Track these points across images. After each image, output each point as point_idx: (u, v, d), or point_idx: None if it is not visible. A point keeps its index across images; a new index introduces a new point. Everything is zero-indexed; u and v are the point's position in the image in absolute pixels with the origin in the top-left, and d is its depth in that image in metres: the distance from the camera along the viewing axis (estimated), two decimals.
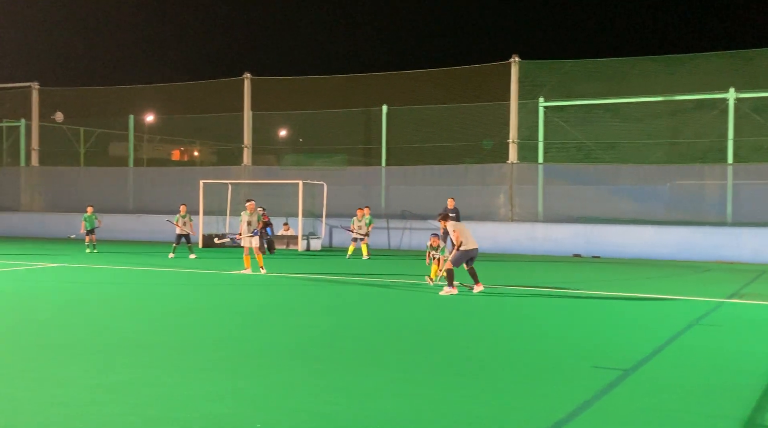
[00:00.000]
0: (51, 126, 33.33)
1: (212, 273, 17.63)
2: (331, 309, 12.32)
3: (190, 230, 22.04)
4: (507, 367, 7.91)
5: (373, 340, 9.45)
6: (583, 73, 26.31)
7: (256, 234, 17.59)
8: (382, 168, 28.81)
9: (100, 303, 12.56)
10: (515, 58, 26.28)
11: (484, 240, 25.50)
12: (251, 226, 17.34)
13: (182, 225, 21.72)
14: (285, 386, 7.00)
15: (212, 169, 32.57)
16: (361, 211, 23.20)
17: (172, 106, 32.93)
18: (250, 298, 13.51)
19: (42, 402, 6.37)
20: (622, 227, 24.36)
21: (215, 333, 9.81)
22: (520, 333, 10.08)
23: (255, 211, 17.76)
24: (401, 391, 6.87)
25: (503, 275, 18.08)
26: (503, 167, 26.48)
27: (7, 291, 13.68)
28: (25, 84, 33.51)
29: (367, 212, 23.29)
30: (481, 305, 12.78)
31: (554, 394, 6.84)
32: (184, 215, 21.89)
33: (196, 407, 6.28)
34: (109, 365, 7.72)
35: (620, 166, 25.72)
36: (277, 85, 30.63)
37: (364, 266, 19.94)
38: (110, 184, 32.46)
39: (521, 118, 26.61)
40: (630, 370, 7.83)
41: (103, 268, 18.44)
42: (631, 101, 25.86)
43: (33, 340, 9.11)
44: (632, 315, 12.01)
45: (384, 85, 29.13)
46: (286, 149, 32.84)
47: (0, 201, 33.46)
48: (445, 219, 14.59)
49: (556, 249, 24.76)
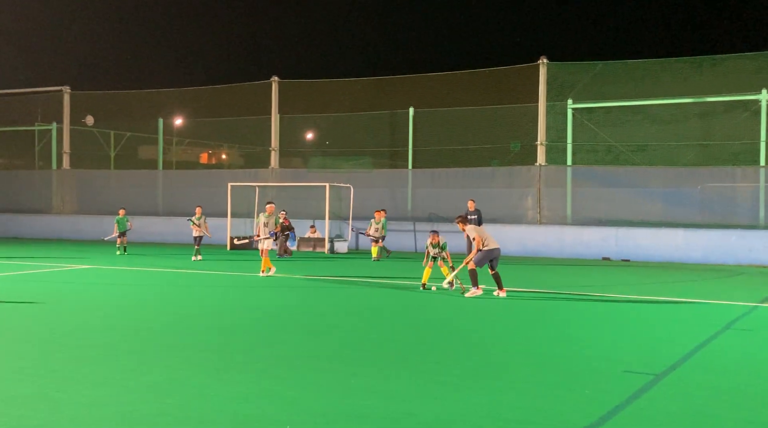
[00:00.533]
0: (82, 129, 33.76)
1: (240, 275, 17.74)
2: (357, 311, 12.34)
3: (206, 232, 22.19)
4: (537, 371, 7.87)
5: (402, 343, 9.45)
6: (613, 74, 26.08)
7: (273, 236, 17.68)
8: (409, 170, 28.80)
9: (131, 304, 12.70)
10: (543, 60, 26.15)
11: (512, 244, 25.49)
12: (268, 228, 17.45)
13: (198, 226, 21.87)
14: (314, 387, 7.02)
15: (240, 172, 32.76)
16: (379, 213, 23.29)
17: (200, 110, 33.22)
18: (277, 300, 13.58)
19: (78, 402, 6.46)
20: (652, 230, 24.11)
21: (244, 335, 9.87)
22: (550, 336, 10.02)
23: (274, 213, 17.88)
24: (431, 393, 6.87)
25: (532, 278, 17.98)
26: (531, 169, 26.35)
27: (41, 293, 13.87)
28: (56, 88, 33.99)
29: (383, 215, 23.45)
30: (510, 308, 12.73)
31: (585, 398, 6.79)
32: (200, 217, 22.10)
33: (227, 408, 6.33)
34: (143, 366, 7.81)
35: (650, 168, 25.46)
36: (305, 88, 30.77)
37: (390, 269, 19.93)
38: (140, 186, 32.81)
39: (549, 120, 26.46)
40: (661, 374, 7.75)
41: (133, 270, 18.64)
42: (661, 103, 25.59)
43: (66, 341, 9.23)
44: (663, 318, 11.89)
45: (411, 87, 29.13)
46: (313, 152, 32.95)
47: (32, 203, 33.94)
48: (464, 223, 14.54)
49: (584, 252, 24.58)
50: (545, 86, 26.22)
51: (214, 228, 28.62)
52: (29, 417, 6.03)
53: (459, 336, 10.05)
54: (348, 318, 11.58)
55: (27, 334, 9.66)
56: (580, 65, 26.55)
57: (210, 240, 28.61)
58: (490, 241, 14.13)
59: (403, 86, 29.36)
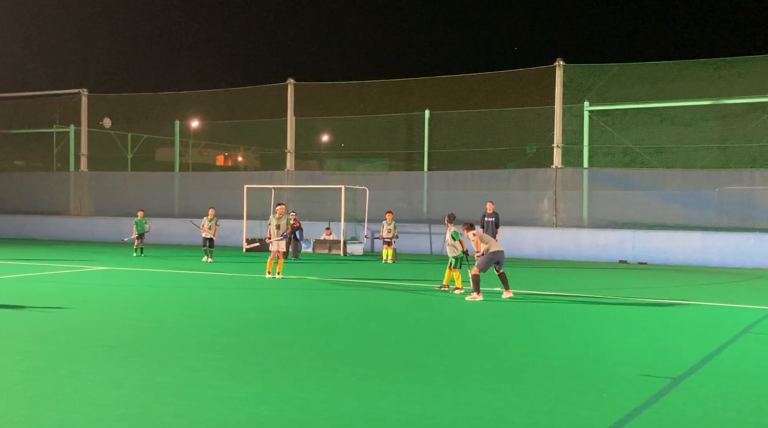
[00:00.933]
0: (99, 131, 33.99)
1: (254, 276, 17.78)
2: (370, 313, 12.32)
3: (215, 235, 21.84)
4: (553, 374, 7.82)
5: (414, 345, 9.42)
6: (630, 76, 25.93)
7: (286, 238, 17.72)
8: (425, 173, 28.77)
9: (146, 305, 12.75)
10: (559, 62, 26.05)
11: (528, 246, 25.42)
12: (280, 230, 17.44)
13: (208, 228, 21.67)
14: (327, 389, 7.01)
15: (256, 174, 32.87)
16: (390, 214, 23.31)
17: (216, 112, 33.36)
18: (291, 302, 13.59)
19: (94, 403, 6.49)
20: (670, 233, 23.94)
21: (258, 336, 9.89)
22: (566, 339, 9.96)
23: (284, 214, 17.89)
24: (445, 396, 6.84)
25: (548, 281, 17.90)
26: (547, 172, 26.24)
27: (58, 294, 13.97)
28: (74, 90, 34.25)
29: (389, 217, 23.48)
30: (525, 311, 12.67)
31: (602, 402, 6.74)
32: (212, 219, 21.83)
33: (241, 409, 6.33)
34: (158, 367, 7.84)
35: (667, 170, 25.28)
36: (320, 90, 30.82)
37: (403, 271, 19.91)
38: (156, 188, 32.98)
39: (566, 122, 26.33)
40: (679, 378, 7.68)
41: (148, 272, 18.73)
42: (678, 105, 25.40)
43: (83, 342, 9.28)
44: (680, 322, 11.80)
45: (426, 89, 29.11)
46: (328, 154, 32.99)
47: (50, 205, 34.20)
48: (469, 228, 14.46)
49: (601, 255, 24.44)
50: (561, 88, 26.11)
51: (230, 231, 28.79)
52: (45, 417, 6.06)
53: (473, 338, 10.01)
54: (361, 320, 11.57)
55: (44, 335, 9.72)
56: (596, 67, 26.41)
57: (225, 241, 28.79)
58: (492, 245, 14.12)
59: (419, 88, 29.34)
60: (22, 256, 22.66)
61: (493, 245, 14.14)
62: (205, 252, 21.76)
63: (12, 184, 35.44)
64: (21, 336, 9.62)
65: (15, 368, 7.77)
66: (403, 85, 29.78)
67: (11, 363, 7.97)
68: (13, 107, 35.79)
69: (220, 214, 23.46)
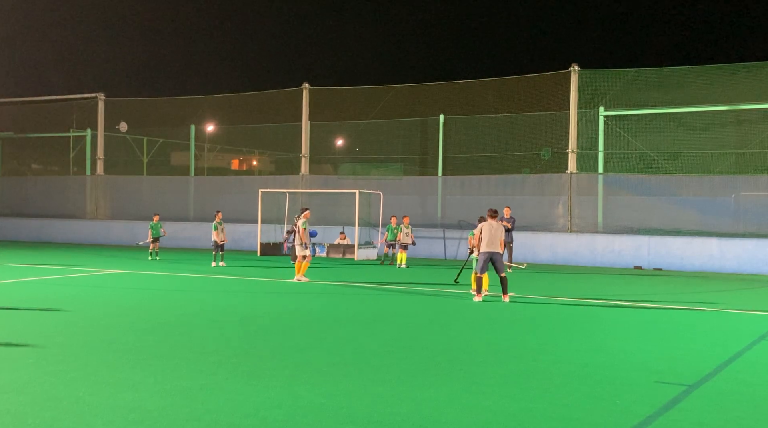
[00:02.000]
0: (116, 136, 34.24)
1: (269, 281, 17.83)
2: (386, 318, 12.33)
3: (224, 238, 21.66)
4: (568, 380, 7.80)
5: (431, 349, 9.42)
6: (645, 81, 25.83)
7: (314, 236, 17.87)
8: (439, 177, 28.77)
9: (162, 309, 12.82)
10: (575, 67, 26.00)
11: (543, 252, 25.35)
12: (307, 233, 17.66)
13: (221, 231, 21.47)
14: (344, 394, 7.03)
15: (271, 178, 32.98)
16: (407, 218, 23.25)
17: (232, 116, 33.51)
18: (306, 306, 13.62)
19: (110, 406, 6.53)
20: (686, 239, 23.81)
21: (274, 340, 9.92)
22: (581, 345, 9.93)
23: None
24: (461, 401, 6.84)
25: (562, 286, 17.85)
26: (562, 177, 26.17)
27: (74, 297, 14.07)
28: (91, 95, 34.53)
29: (393, 221, 23.33)
30: (541, 316, 12.64)
31: (617, 408, 6.72)
32: (220, 222, 21.62)
33: (257, 413, 6.36)
34: (174, 370, 7.88)
35: (684, 176, 25.14)
36: (335, 95, 30.90)
37: (418, 276, 19.91)
38: (172, 192, 33.16)
39: (581, 128, 26.27)
40: (694, 385, 7.64)
41: (164, 275, 18.83)
42: (695, 110, 25.27)
43: (100, 345, 9.35)
44: (696, 328, 11.73)
45: (441, 94, 29.13)
46: (343, 158, 33.07)
47: (67, 208, 34.46)
48: (481, 220, 14.58)
49: (616, 260, 24.34)
50: (576, 93, 26.05)
51: (245, 234, 28.92)
52: (62, 419, 6.11)
53: (488, 343, 10.00)
54: (377, 324, 11.58)
55: (61, 338, 9.80)
56: (612, 72, 26.34)
57: (240, 245, 28.91)
58: (484, 244, 14.09)
59: (434, 93, 29.37)
60: (39, 260, 22.85)
61: (486, 244, 14.08)
62: (215, 257, 21.55)
63: (29, 188, 35.75)
64: (37, 339, 9.70)
65: (31, 370, 7.84)
66: (418, 90, 29.81)
67: (27, 365, 8.04)
68: (31, 111, 36.13)
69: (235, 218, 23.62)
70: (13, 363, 8.21)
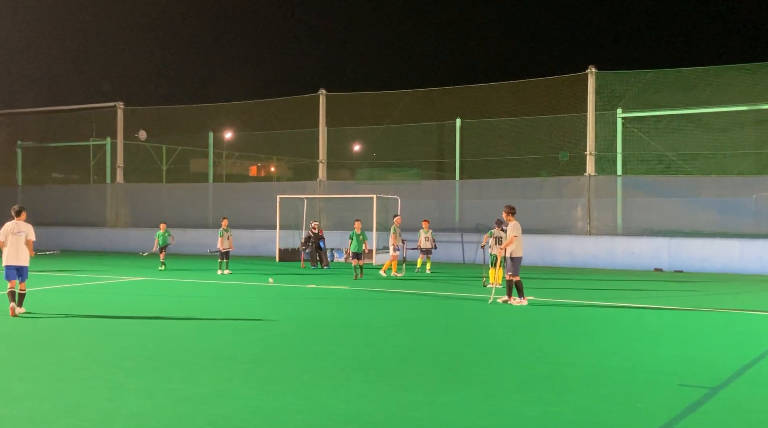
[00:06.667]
0: (135, 144, 34.48)
1: (287, 286, 17.86)
2: (404, 323, 12.31)
3: (230, 245, 21.44)
4: (589, 384, 7.75)
5: (450, 354, 9.38)
6: (663, 82, 25.64)
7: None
8: (456, 181, 28.71)
9: (181, 315, 12.88)
10: (592, 69, 25.87)
11: (561, 255, 25.22)
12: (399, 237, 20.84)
13: (226, 239, 21.19)
14: (363, 400, 7.02)
15: (288, 184, 33.07)
16: (426, 222, 22.50)
17: (249, 123, 33.65)
18: (323, 312, 13.63)
19: (128, 412, 6.57)
20: (706, 240, 23.58)
21: (292, 346, 9.93)
22: (601, 348, 9.85)
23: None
24: (482, 406, 6.81)
25: (582, 289, 17.74)
26: (580, 180, 26.04)
27: (94, 304, 14.17)
28: (110, 104, 34.80)
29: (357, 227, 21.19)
30: (560, 320, 12.57)
31: (637, 412, 6.66)
32: (226, 229, 21.37)
33: (276, 419, 6.36)
34: (192, 377, 7.91)
35: (703, 177, 24.92)
36: (352, 100, 30.94)
37: (436, 281, 19.87)
38: (191, 199, 33.32)
39: (599, 130, 26.13)
40: (717, 388, 7.56)
41: (183, 282, 18.92)
42: (714, 111, 25.04)
43: (119, 352, 9.40)
44: (718, 331, 11.61)
45: (458, 98, 29.06)
46: (360, 164, 33.09)
47: (87, 217, 34.73)
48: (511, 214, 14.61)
49: (636, 263, 24.16)
50: (594, 95, 25.92)
51: (263, 240, 29.01)
52: (82, 426, 6.16)
53: (506, 347, 9.96)
54: (395, 329, 11.56)
55: (81, 345, 9.87)
56: (629, 74, 26.18)
57: (259, 251, 29.00)
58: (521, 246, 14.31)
59: (450, 97, 29.31)
60: (60, 267, 23.04)
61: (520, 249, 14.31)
62: (221, 264, 21.15)
63: (50, 196, 36.06)
64: (58, 346, 9.78)
65: (52, 377, 7.90)
66: (435, 94, 29.78)
67: (48, 373, 8.11)
68: (52, 121, 36.49)
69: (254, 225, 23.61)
70: (34, 370, 8.28)
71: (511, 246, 14.14)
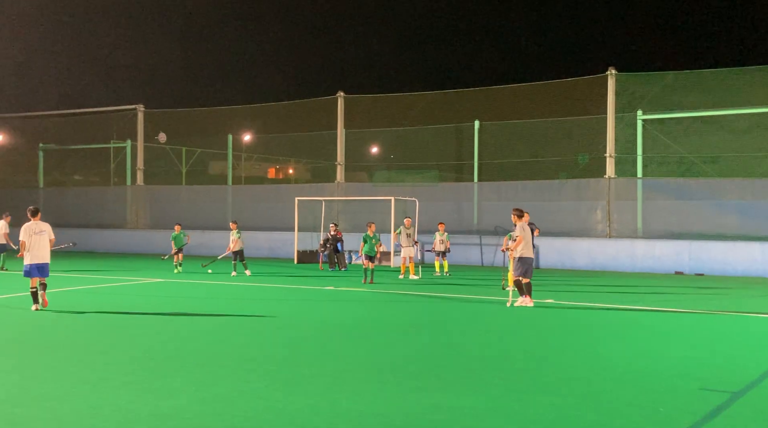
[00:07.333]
0: (155, 146, 34.71)
1: (305, 288, 17.89)
2: (422, 325, 12.28)
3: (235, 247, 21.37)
4: (610, 387, 7.69)
5: (467, 356, 9.35)
6: (684, 84, 25.42)
7: None
8: (475, 183, 28.63)
9: (200, 317, 12.94)
10: (612, 71, 25.72)
11: (581, 257, 25.07)
12: (410, 239, 21.07)
13: (238, 240, 21.28)
14: (381, 401, 7.01)
15: (307, 186, 33.15)
16: (442, 225, 22.45)
17: (268, 126, 33.77)
18: (341, 313, 13.64)
19: (149, 413, 6.59)
20: (728, 243, 23.35)
21: (311, 348, 9.94)
22: (622, 352, 9.77)
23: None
24: (501, 409, 6.77)
25: (602, 292, 17.62)
26: (600, 182, 25.87)
27: (115, 305, 14.25)
28: (131, 106, 35.06)
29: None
30: (580, 322, 12.49)
31: (659, 416, 6.60)
32: (238, 232, 21.45)
33: (295, 421, 6.36)
34: (213, 378, 7.93)
35: (725, 180, 24.68)
36: (370, 102, 30.95)
37: (454, 283, 19.81)
38: (210, 201, 33.48)
39: (619, 132, 25.96)
40: (740, 393, 7.48)
41: (202, 284, 19.00)
42: (735, 112, 24.79)
43: (140, 353, 9.45)
44: (740, 335, 11.49)
45: (476, 100, 28.99)
46: (378, 166, 33.10)
47: (107, 218, 34.98)
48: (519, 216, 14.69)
49: (656, 266, 23.97)
50: (614, 97, 25.76)
51: (281, 242, 29.08)
52: (100, 426, 6.19)
53: (526, 350, 9.90)
54: (414, 332, 11.54)
55: (102, 346, 9.93)
56: (649, 76, 26.00)
57: (277, 253, 29.08)
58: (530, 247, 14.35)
59: (469, 99, 29.24)
60: (81, 268, 23.22)
61: (528, 250, 14.35)
62: (235, 266, 21.31)
63: (71, 198, 36.37)
64: (79, 347, 9.85)
65: (73, 378, 7.95)
66: (453, 96, 29.73)
67: (69, 374, 8.16)
68: (73, 123, 36.80)
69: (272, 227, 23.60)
70: (55, 371, 8.34)
71: (519, 247, 14.19)
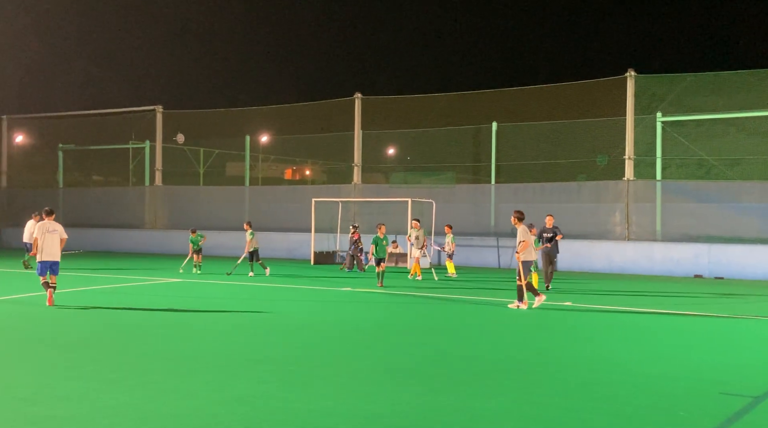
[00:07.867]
0: (173, 147, 34.89)
1: (322, 289, 17.89)
2: (437, 327, 12.25)
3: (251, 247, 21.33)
4: (629, 391, 7.62)
5: (484, 359, 9.31)
6: (704, 86, 25.20)
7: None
8: (492, 185, 28.53)
9: (217, 318, 12.97)
10: (631, 73, 25.55)
11: (599, 260, 24.91)
12: (419, 241, 21.06)
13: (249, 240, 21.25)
14: (397, 403, 6.98)
15: (324, 188, 33.19)
16: (449, 227, 22.42)
17: (285, 127, 33.84)
18: (357, 315, 13.63)
19: (166, 414, 6.61)
20: (747, 246, 23.13)
21: (326, 349, 9.93)
22: (640, 355, 9.69)
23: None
24: (519, 413, 6.73)
25: (620, 295, 17.50)
26: (619, 184, 25.71)
27: (132, 304, 14.32)
28: (149, 107, 35.27)
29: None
30: (598, 325, 12.41)
31: (679, 420, 6.53)
32: (252, 233, 21.43)
33: (311, 422, 6.36)
34: (229, 379, 7.95)
35: (745, 182, 24.44)
36: (387, 104, 30.95)
37: (470, 285, 19.75)
38: (228, 202, 33.60)
39: (638, 134, 25.78)
40: (761, 397, 7.39)
41: (219, 284, 19.06)
42: (756, 115, 24.54)
43: (157, 353, 9.49)
44: (759, 338, 11.36)
45: (494, 101, 28.88)
46: (395, 167, 33.08)
47: (126, 219, 35.19)
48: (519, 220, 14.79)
49: (675, 269, 23.77)
50: (633, 99, 25.58)
51: (297, 243, 29.13)
52: (118, 425, 6.21)
53: (542, 353, 9.84)
54: (429, 334, 11.51)
55: (120, 346, 9.98)
56: (669, 77, 25.80)
57: (294, 254, 29.13)
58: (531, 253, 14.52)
59: (486, 101, 29.15)
60: (100, 267, 23.37)
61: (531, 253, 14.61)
62: (252, 266, 21.34)
63: (90, 198, 36.64)
64: (97, 347, 9.90)
65: (91, 378, 7.99)
66: (470, 98, 29.66)
67: (87, 374, 8.20)
68: (92, 124, 37.07)
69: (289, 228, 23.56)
70: (72, 371, 8.39)
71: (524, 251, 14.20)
